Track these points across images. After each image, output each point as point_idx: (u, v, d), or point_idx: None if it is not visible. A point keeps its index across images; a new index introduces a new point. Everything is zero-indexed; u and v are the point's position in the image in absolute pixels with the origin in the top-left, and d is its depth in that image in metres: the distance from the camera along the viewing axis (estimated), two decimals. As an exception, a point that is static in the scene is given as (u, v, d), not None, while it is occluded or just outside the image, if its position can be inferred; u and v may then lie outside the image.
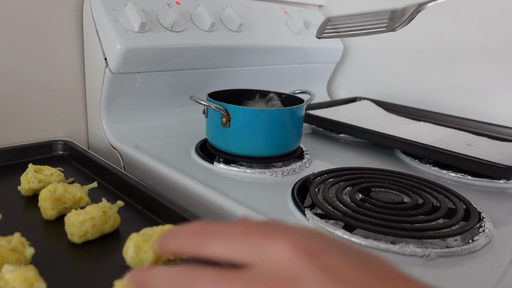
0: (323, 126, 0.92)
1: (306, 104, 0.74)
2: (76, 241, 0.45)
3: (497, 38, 0.98)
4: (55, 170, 0.57)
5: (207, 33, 0.84)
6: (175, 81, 0.84)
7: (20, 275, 0.34)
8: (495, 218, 0.58)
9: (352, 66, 1.27)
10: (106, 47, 0.73)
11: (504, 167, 0.66)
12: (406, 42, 1.14)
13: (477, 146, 0.83)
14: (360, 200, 0.57)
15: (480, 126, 0.98)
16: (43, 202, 0.49)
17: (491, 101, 1.01)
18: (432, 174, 0.74)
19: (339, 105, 1.10)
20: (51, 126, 0.79)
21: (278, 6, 1.07)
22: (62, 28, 0.76)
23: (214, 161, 0.69)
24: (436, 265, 0.45)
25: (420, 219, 0.52)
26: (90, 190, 0.55)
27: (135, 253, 0.40)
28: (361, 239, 0.47)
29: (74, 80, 0.80)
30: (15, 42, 0.71)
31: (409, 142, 0.76)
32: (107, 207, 0.47)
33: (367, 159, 0.79)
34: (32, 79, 0.74)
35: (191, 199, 0.60)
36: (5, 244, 0.38)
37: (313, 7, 1.28)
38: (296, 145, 0.73)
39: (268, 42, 0.97)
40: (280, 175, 0.67)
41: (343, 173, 0.66)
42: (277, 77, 1.07)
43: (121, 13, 0.73)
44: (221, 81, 0.93)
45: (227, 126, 0.67)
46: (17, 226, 0.48)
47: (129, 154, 0.72)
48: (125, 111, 0.80)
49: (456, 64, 1.05)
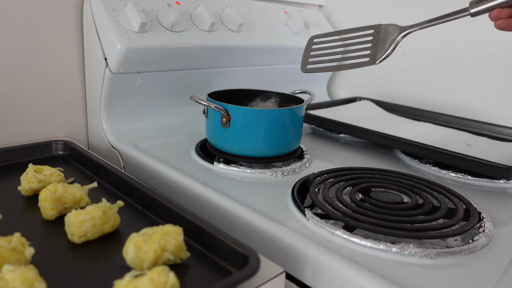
0: (323, 126, 0.92)
1: (306, 104, 0.74)
2: (76, 241, 0.45)
3: (497, 38, 0.98)
4: (55, 170, 0.57)
5: (207, 33, 0.84)
6: (175, 81, 0.84)
7: (20, 275, 0.34)
8: (495, 218, 0.58)
9: (352, 66, 1.27)
10: (106, 47, 0.73)
11: (504, 167, 0.66)
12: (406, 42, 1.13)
13: (477, 146, 0.83)
14: (360, 200, 0.57)
15: (480, 126, 0.98)
16: (43, 202, 0.49)
17: (491, 101, 1.01)
18: (432, 174, 0.74)
19: (339, 105, 1.10)
20: (51, 126, 0.79)
21: (278, 6, 1.07)
22: (62, 28, 0.76)
23: (214, 161, 0.69)
24: (436, 265, 0.45)
25: (420, 219, 0.52)
26: (90, 190, 0.56)
27: (135, 253, 0.40)
28: (361, 239, 0.47)
29: (74, 80, 0.80)
30: (15, 42, 0.71)
31: (409, 142, 0.76)
32: (107, 207, 0.47)
33: (367, 159, 0.79)
34: (32, 79, 0.74)
35: (191, 199, 0.60)
36: (5, 244, 0.38)
37: (313, 7, 1.28)
38: (296, 145, 0.73)
39: (268, 42, 0.97)
40: (280, 175, 0.67)
41: (343, 173, 0.66)
42: (277, 77, 1.07)
43: (121, 13, 0.73)
44: (221, 81, 0.93)
45: (227, 126, 0.67)
46: (17, 226, 0.48)
47: (129, 154, 0.72)
48: (125, 111, 0.80)
49: (456, 64, 1.05)
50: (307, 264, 0.45)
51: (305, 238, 0.47)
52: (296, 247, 0.46)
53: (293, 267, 0.47)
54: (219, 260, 0.43)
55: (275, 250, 0.48)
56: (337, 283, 0.43)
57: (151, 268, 0.38)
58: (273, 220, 0.51)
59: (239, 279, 0.36)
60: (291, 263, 0.47)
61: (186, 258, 0.43)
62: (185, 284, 0.39)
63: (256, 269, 0.38)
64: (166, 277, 0.35)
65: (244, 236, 0.52)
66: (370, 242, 0.47)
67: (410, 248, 0.46)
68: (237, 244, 0.42)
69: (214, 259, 0.43)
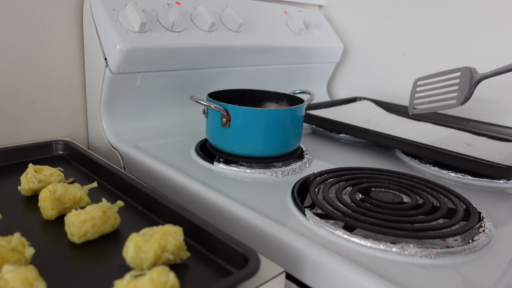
0: (323, 126, 0.92)
1: (306, 104, 0.74)
2: (76, 241, 0.45)
3: (497, 38, 0.98)
4: (55, 170, 0.57)
5: (207, 33, 0.84)
6: (175, 81, 0.84)
7: (20, 275, 0.34)
8: (495, 218, 0.58)
9: (352, 66, 1.27)
10: (106, 47, 0.73)
11: (504, 167, 0.66)
12: (406, 42, 1.14)
13: (477, 146, 0.83)
14: (360, 200, 0.57)
15: (480, 126, 0.98)
16: (43, 202, 0.49)
17: (491, 101, 1.01)
18: (432, 174, 0.74)
19: (339, 105, 1.10)
20: (51, 126, 0.79)
21: (278, 6, 1.07)
22: (62, 28, 0.76)
23: (214, 161, 0.69)
24: (436, 265, 0.45)
25: (420, 219, 0.52)
26: (90, 190, 0.56)
27: (135, 253, 0.40)
28: (361, 239, 0.47)
29: (74, 80, 0.80)
30: (15, 42, 0.71)
31: (409, 142, 0.76)
32: (107, 207, 0.47)
33: (367, 159, 0.79)
34: (32, 79, 0.74)
35: (191, 199, 0.60)
36: (5, 244, 0.38)
37: (313, 7, 1.28)
38: (296, 145, 0.73)
39: (268, 42, 0.97)
40: (280, 175, 0.67)
41: (343, 173, 0.66)
42: (277, 77, 1.07)
43: (121, 13, 0.73)
44: (221, 81, 0.93)
45: (227, 126, 0.67)
46: (17, 226, 0.48)
47: (129, 154, 0.72)
48: (125, 111, 0.80)
49: (456, 64, 1.05)
50: (307, 264, 0.45)
51: (305, 238, 0.47)
52: (296, 247, 0.46)
53: (293, 267, 0.47)
54: (219, 260, 0.43)
55: (275, 250, 0.48)
56: (337, 283, 0.43)
57: (151, 268, 0.38)
58: (273, 220, 0.51)
59: (239, 279, 0.36)
60: (291, 263, 0.47)
61: (186, 258, 0.43)
62: (185, 284, 0.39)
63: (256, 269, 0.38)
64: (166, 277, 0.35)
65: (244, 236, 0.52)
66: (370, 242, 0.47)
67: (410, 248, 0.46)
68: (237, 244, 0.42)
69: (214, 259, 0.43)
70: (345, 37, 1.26)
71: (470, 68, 0.78)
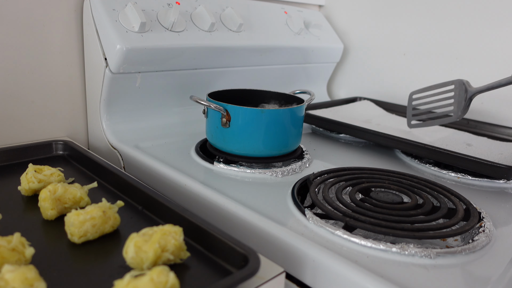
0: (323, 126, 0.92)
1: (306, 104, 0.74)
2: (76, 241, 0.45)
3: (497, 38, 0.98)
4: (55, 170, 0.57)
5: (207, 33, 0.84)
6: (175, 81, 0.84)
7: (20, 275, 0.34)
8: (495, 218, 0.58)
9: (352, 66, 1.27)
10: (106, 47, 0.73)
11: (504, 167, 0.66)
12: (406, 42, 1.14)
13: (477, 146, 0.83)
14: (360, 200, 0.57)
15: (480, 126, 0.98)
16: (43, 202, 0.49)
17: (491, 101, 1.01)
18: (432, 174, 0.74)
19: (339, 105, 1.10)
20: (51, 126, 0.79)
21: (278, 6, 1.07)
22: (62, 28, 0.76)
23: (214, 161, 0.69)
24: (436, 265, 0.45)
25: (420, 219, 0.52)
26: (90, 190, 0.56)
27: (135, 253, 0.40)
28: (361, 239, 0.47)
29: (74, 80, 0.80)
30: (15, 42, 0.71)
31: (409, 142, 0.76)
32: (107, 207, 0.47)
33: (367, 159, 0.79)
34: (32, 79, 0.74)
35: (191, 199, 0.60)
36: (5, 244, 0.38)
37: (313, 7, 1.28)
38: (296, 145, 0.73)
39: (268, 42, 0.97)
40: (280, 175, 0.67)
41: (343, 173, 0.66)
42: (277, 77, 1.07)
43: (121, 13, 0.73)
44: (221, 81, 0.93)
45: (227, 126, 0.67)
46: (17, 226, 0.48)
47: (129, 154, 0.72)
48: (125, 111, 0.80)
49: (456, 64, 1.05)
50: (307, 264, 0.45)
51: (305, 238, 0.47)
52: (296, 247, 0.46)
53: (293, 267, 0.47)
54: (219, 260, 0.43)
55: (275, 250, 0.48)
56: (337, 283, 0.43)
57: (151, 268, 0.38)
58: (273, 220, 0.51)
59: (239, 279, 0.36)
60: (291, 263, 0.47)
61: (186, 258, 0.43)
62: (185, 284, 0.39)
63: (256, 269, 0.38)
64: (166, 277, 0.35)
65: (244, 236, 0.52)
66: (370, 242, 0.47)
67: (410, 248, 0.46)
68: (237, 244, 0.42)
69: (214, 259, 0.43)
70: (345, 37, 1.26)
71: (463, 80, 0.79)
